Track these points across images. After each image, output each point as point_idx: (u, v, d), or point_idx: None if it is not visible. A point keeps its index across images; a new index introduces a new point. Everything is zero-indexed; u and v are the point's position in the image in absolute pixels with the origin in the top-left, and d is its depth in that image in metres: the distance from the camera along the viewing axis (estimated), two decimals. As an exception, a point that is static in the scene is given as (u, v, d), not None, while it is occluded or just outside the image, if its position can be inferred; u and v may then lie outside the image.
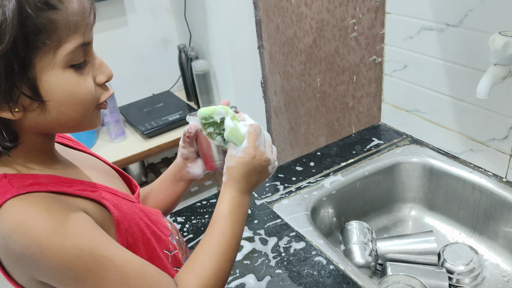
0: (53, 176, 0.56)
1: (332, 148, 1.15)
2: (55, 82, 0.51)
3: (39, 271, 0.51)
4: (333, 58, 1.41)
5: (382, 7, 1.14)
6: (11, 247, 0.50)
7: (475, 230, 1.00)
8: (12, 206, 0.50)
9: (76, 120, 0.55)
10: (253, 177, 0.65)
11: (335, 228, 1.06)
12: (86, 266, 0.50)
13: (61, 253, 0.49)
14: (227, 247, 0.61)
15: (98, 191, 0.60)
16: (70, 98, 0.53)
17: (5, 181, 0.53)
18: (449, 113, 1.02)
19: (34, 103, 0.51)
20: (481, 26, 0.88)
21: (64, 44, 0.50)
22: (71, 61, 0.51)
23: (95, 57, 0.56)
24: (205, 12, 1.82)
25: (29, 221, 0.49)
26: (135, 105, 2.06)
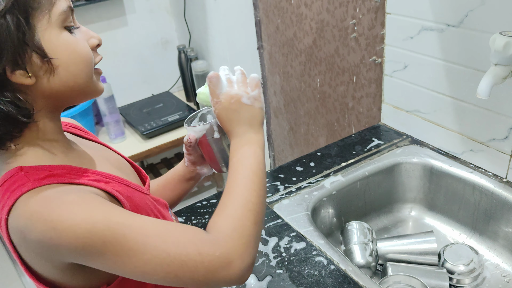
0: (68, 166, 0.57)
1: (332, 149, 1.15)
2: (56, 41, 0.54)
3: (61, 255, 0.51)
4: (333, 58, 1.41)
5: (382, 8, 1.14)
6: (29, 237, 0.50)
7: (476, 231, 1.00)
8: (27, 198, 0.51)
9: (83, 81, 0.57)
10: (235, 116, 0.64)
11: (336, 229, 1.06)
12: (103, 238, 0.49)
13: (76, 231, 0.48)
14: (246, 180, 0.58)
15: (112, 182, 0.60)
16: (74, 55, 0.55)
17: (21, 174, 0.53)
18: (450, 114, 1.02)
19: (43, 65, 0.53)
20: (482, 26, 0.88)
21: (55, 4, 0.53)
22: (64, 22, 0.54)
23: (80, 25, 0.58)
24: (204, 12, 1.82)
25: (43, 210, 0.49)
26: (135, 106, 2.06)
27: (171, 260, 0.50)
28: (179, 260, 0.50)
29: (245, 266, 0.52)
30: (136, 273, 0.51)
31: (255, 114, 0.65)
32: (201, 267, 0.51)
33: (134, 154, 1.79)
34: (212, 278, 0.51)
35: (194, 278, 0.51)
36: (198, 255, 0.51)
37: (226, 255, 0.51)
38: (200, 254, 0.51)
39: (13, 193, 0.51)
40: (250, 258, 0.53)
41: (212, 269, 0.51)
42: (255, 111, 0.65)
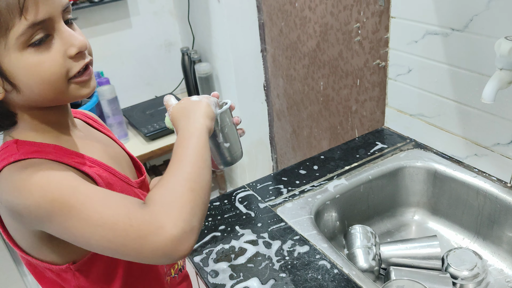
0: (59, 147, 0.61)
1: (336, 152, 1.15)
2: (15, 64, 0.54)
3: (23, 217, 0.54)
4: (336, 62, 1.41)
5: (386, 12, 1.14)
6: (3, 200, 0.54)
7: (479, 235, 1.00)
8: (10, 167, 0.55)
9: (50, 96, 0.57)
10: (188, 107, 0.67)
11: (339, 232, 1.05)
12: (51, 196, 0.52)
13: (31, 189, 0.52)
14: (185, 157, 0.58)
15: (96, 167, 0.63)
16: (33, 77, 0.55)
17: (15, 146, 0.58)
18: (454, 118, 1.02)
19: (7, 85, 0.55)
20: (487, 31, 0.88)
21: (12, 28, 0.52)
22: (26, 42, 0.53)
23: (63, 30, 0.56)
24: (208, 15, 1.82)
25: (17, 175, 0.54)
26: (138, 107, 2.06)
27: (103, 222, 0.51)
28: (110, 222, 0.51)
29: (178, 232, 0.49)
30: (77, 236, 0.52)
31: (201, 106, 0.67)
32: (130, 230, 0.50)
33: (137, 156, 1.78)
34: (145, 244, 0.50)
35: (126, 244, 0.50)
36: (127, 219, 0.50)
37: (155, 218, 0.50)
38: (130, 218, 0.50)
39: (2, 161, 0.56)
40: (185, 224, 0.50)
41: (142, 234, 0.50)
42: (202, 105, 0.67)
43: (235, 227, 0.94)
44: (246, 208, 1.00)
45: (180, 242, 0.50)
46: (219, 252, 0.88)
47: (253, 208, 0.99)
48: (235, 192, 1.05)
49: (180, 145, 0.60)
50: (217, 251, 0.88)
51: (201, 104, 0.67)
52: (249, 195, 1.04)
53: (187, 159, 0.58)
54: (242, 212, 0.99)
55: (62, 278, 0.64)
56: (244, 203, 1.01)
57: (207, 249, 0.89)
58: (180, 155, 0.58)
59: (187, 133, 0.62)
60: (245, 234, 0.92)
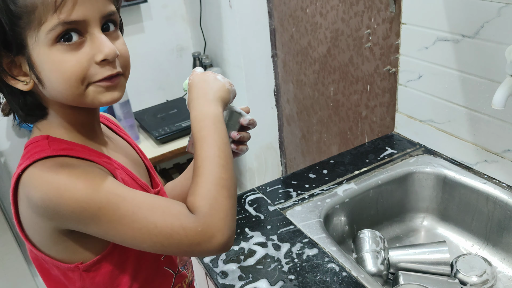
0: (86, 147, 0.62)
1: (345, 157, 1.16)
2: (42, 58, 0.55)
3: (58, 217, 0.55)
4: (347, 67, 1.42)
5: (397, 18, 1.15)
6: (32, 195, 0.55)
7: (489, 242, 1.00)
8: (43, 163, 0.56)
9: (68, 96, 0.58)
10: (206, 86, 0.66)
11: (347, 236, 1.06)
12: (99, 203, 0.54)
13: (76, 194, 0.53)
14: (214, 159, 0.60)
15: (120, 170, 0.64)
16: (55, 73, 0.56)
17: (46, 142, 0.59)
18: (464, 124, 1.02)
19: (33, 76, 0.57)
20: (498, 38, 0.88)
21: (44, 23, 0.54)
22: (56, 39, 0.55)
23: (96, 36, 0.57)
24: (220, 20, 1.84)
25: (52, 174, 0.55)
26: (149, 111, 2.09)
27: (158, 231, 0.55)
28: (165, 232, 0.55)
29: (226, 238, 0.56)
30: (126, 240, 0.56)
31: (224, 90, 0.67)
32: (185, 240, 0.55)
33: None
34: (197, 249, 0.56)
35: (180, 248, 0.56)
36: (182, 230, 0.55)
37: (207, 230, 0.56)
38: (184, 229, 0.55)
39: (33, 155, 0.57)
40: (229, 230, 0.57)
41: (195, 242, 0.56)
42: (224, 89, 0.67)
43: (244, 229, 0.95)
44: (256, 210, 1.01)
45: (227, 246, 0.57)
46: (229, 253, 0.89)
47: (262, 210, 1.00)
48: (244, 194, 1.06)
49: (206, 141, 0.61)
50: (226, 253, 0.89)
51: (222, 87, 0.67)
52: (259, 198, 1.05)
53: (219, 162, 0.60)
54: (252, 214, 1.00)
55: (68, 278, 0.64)
56: (253, 206, 1.02)
57: (217, 250, 0.90)
58: (210, 155, 0.60)
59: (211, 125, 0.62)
60: (255, 236, 0.93)
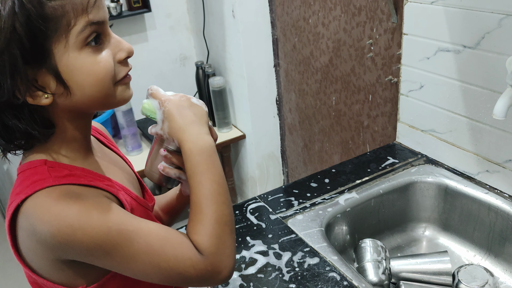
0: (87, 170, 0.61)
1: (347, 166, 1.16)
2: (73, 64, 0.54)
3: (68, 251, 0.54)
4: (349, 77, 1.43)
5: (399, 29, 1.16)
6: (40, 229, 0.53)
7: (491, 252, 0.99)
8: (47, 193, 0.54)
9: (99, 98, 0.58)
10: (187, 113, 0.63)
11: (349, 246, 1.06)
12: (113, 241, 0.54)
13: (91, 232, 0.53)
14: (214, 195, 0.60)
15: (122, 191, 0.63)
16: (89, 77, 0.55)
17: (44, 167, 0.57)
18: (465, 134, 1.02)
19: (59, 87, 0.55)
20: (498, 48, 0.89)
21: (73, 26, 0.53)
22: (85, 41, 0.54)
23: (112, 36, 0.58)
24: (223, 30, 1.86)
25: (61, 207, 0.53)
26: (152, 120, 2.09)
27: (170, 269, 0.57)
28: (177, 270, 0.58)
29: (230, 271, 0.61)
30: (138, 275, 0.58)
31: (204, 113, 0.65)
32: (195, 277, 0.59)
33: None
34: (204, 283, 0.61)
35: (189, 283, 0.60)
36: (193, 269, 0.58)
37: (215, 268, 0.59)
38: (195, 269, 0.58)
39: (34, 184, 0.55)
40: (233, 263, 0.61)
41: (204, 278, 0.59)
42: (203, 111, 0.65)
43: (246, 238, 0.95)
44: (257, 219, 1.01)
45: (231, 276, 0.61)
46: (230, 261, 0.89)
47: (264, 219, 1.00)
48: (246, 203, 1.06)
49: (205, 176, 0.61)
50: (227, 261, 0.89)
51: (202, 110, 0.65)
52: (260, 206, 1.05)
53: (219, 199, 0.61)
54: (253, 223, 1.00)
55: None
56: (255, 214, 1.02)
57: (218, 258, 0.90)
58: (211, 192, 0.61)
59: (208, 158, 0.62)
60: (256, 245, 0.93)
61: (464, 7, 0.92)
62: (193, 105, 0.65)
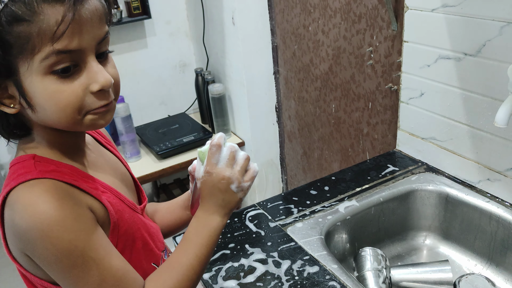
0: (74, 168, 0.61)
1: (347, 173, 1.15)
2: (35, 88, 0.54)
3: (32, 251, 0.55)
4: (348, 85, 1.42)
5: (399, 36, 1.16)
6: (16, 222, 0.54)
7: (492, 262, 0.98)
8: (29, 186, 0.55)
9: (62, 124, 0.57)
10: (217, 196, 0.65)
11: (348, 254, 1.04)
12: (72, 262, 0.54)
13: (57, 244, 0.53)
14: (188, 269, 0.63)
15: (108, 193, 0.63)
16: (50, 103, 0.55)
17: (32, 161, 0.58)
18: (466, 142, 1.02)
19: (24, 102, 0.55)
20: (500, 56, 0.88)
21: (38, 52, 0.52)
22: (49, 68, 0.53)
23: (92, 65, 0.56)
24: (223, 37, 1.86)
25: (39, 206, 0.53)
26: (151, 126, 2.09)
27: None
28: None
29: None
30: None
31: (233, 202, 0.66)
32: None
33: (148, 174, 1.80)
34: None
35: None
36: None
37: None
38: None
39: (19, 176, 0.56)
40: None
41: None
42: (235, 200, 0.67)
43: (244, 246, 0.94)
44: (256, 226, 1.00)
45: None
46: (229, 270, 0.88)
47: (263, 227, 0.99)
48: (245, 210, 1.05)
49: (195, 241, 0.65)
50: (226, 269, 0.88)
51: (234, 198, 0.66)
52: (260, 214, 1.04)
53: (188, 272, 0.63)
54: (252, 230, 0.99)
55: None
56: (254, 222, 1.01)
57: (216, 266, 0.89)
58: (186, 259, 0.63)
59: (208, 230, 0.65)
60: (255, 253, 0.92)
61: (465, 14, 0.92)
62: (228, 191, 0.66)
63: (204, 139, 1.92)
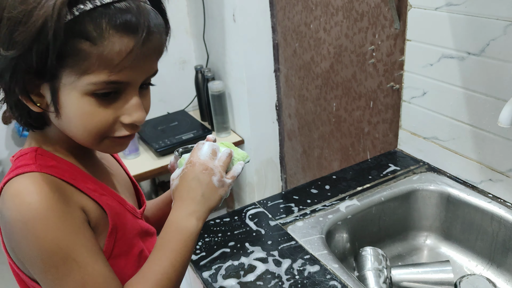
0: (76, 167, 0.60)
1: (348, 172, 1.15)
2: (70, 101, 0.53)
3: (15, 245, 0.54)
4: (350, 83, 1.42)
5: (402, 35, 1.15)
6: (4, 212, 0.54)
7: (493, 262, 0.98)
8: (25, 179, 0.54)
9: (78, 138, 0.57)
10: (196, 190, 0.61)
11: (349, 254, 1.04)
12: (54, 261, 0.53)
13: (41, 241, 0.52)
14: (163, 278, 0.59)
15: (107, 196, 0.62)
16: (79, 121, 0.54)
17: (33, 154, 0.57)
18: (468, 142, 1.01)
19: (51, 106, 0.54)
20: (503, 56, 0.88)
21: (90, 74, 0.51)
22: (92, 91, 0.52)
23: (132, 97, 0.55)
24: (223, 34, 1.85)
25: (27, 198, 0.52)
26: (150, 123, 2.08)
27: None
28: None
29: None
30: None
31: (213, 199, 0.63)
32: None
33: (147, 171, 1.79)
34: None
35: None
36: None
37: None
38: None
39: (18, 168, 0.55)
40: None
41: None
42: (215, 197, 0.63)
43: (244, 244, 0.93)
44: (256, 225, 0.99)
45: None
46: (228, 268, 0.87)
47: (263, 225, 0.99)
48: (245, 209, 1.05)
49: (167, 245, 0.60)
50: (226, 267, 0.87)
51: (214, 194, 0.63)
52: (260, 212, 1.03)
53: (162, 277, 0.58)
54: (252, 229, 0.98)
55: None
56: (254, 220, 1.00)
57: (216, 264, 0.88)
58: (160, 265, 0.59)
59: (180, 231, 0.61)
60: (255, 252, 0.91)
61: (469, 13, 0.92)
62: (209, 185, 0.62)
63: (203, 137, 1.91)
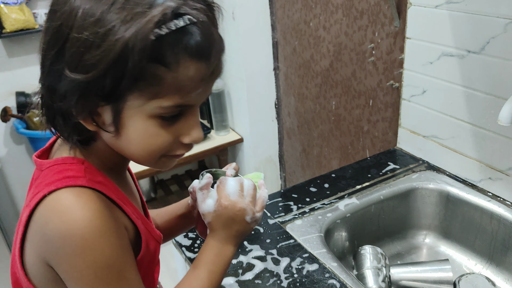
0: (116, 186, 0.59)
1: (347, 171, 1.14)
2: (136, 124, 0.52)
3: (59, 260, 0.51)
4: (349, 81, 1.41)
5: (401, 33, 1.15)
6: (50, 226, 0.50)
7: (493, 261, 0.98)
8: (76, 192, 0.52)
9: (138, 159, 0.56)
10: (231, 227, 0.65)
11: (348, 252, 1.04)
12: (109, 279, 0.51)
13: (98, 257, 0.50)
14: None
15: (141, 220, 0.61)
16: (142, 142, 0.53)
17: (81, 167, 0.55)
18: (468, 140, 1.01)
19: (112, 127, 0.52)
20: (504, 54, 0.87)
21: (160, 98, 0.50)
22: (159, 114, 0.51)
23: (192, 118, 0.55)
24: (222, 32, 1.83)
25: (83, 213, 0.50)
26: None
27: None
28: None
29: None
30: None
31: (245, 232, 0.66)
32: None
33: (146, 169, 1.79)
34: None
35: None
36: None
37: None
38: None
39: (67, 179, 0.52)
40: None
41: None
42: (247, 231, 0.66)
43: (243, 242, 0.93)
44: (255, 223, 0.98)
45: None
46: (227, 266, 0.87)
47: (262, 223, 0.98)
48: (244, 207, 1.04)
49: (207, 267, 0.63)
50: (224, 266, 0.87)
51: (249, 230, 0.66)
52: (259, 210, 1.03)
53: None
54: (251, 227, 0.97)
55: None
56: (253, 219, 1.00)
57: (214, 263, 0.88)
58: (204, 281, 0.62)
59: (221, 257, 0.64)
60: (253, 250, 0.91)
61: (469, 11, 0.91)
62: (243, 222, 0.65)
63: (202, 135, 1.90)
